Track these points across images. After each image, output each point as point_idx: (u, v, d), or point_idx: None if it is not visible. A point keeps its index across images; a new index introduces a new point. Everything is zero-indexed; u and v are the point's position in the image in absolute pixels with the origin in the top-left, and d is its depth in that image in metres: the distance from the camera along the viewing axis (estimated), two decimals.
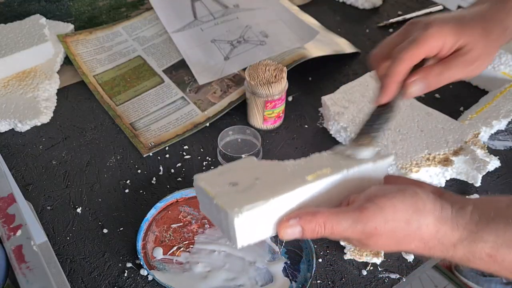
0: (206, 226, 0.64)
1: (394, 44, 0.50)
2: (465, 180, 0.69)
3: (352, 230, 0.42)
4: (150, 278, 0.58)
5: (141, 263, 0.58)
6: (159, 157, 0.74)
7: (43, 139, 0.77)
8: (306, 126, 0.79)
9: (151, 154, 0.74)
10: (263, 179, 0.44)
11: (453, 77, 0.50)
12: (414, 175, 0.67)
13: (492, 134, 0.75)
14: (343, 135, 0.74)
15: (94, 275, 0.59)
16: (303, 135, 0.77)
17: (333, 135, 0.76)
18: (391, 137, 0.71)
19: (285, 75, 0.74)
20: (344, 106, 0.76)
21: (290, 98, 0.83)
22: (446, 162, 0.67)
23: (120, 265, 0.60)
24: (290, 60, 0.84)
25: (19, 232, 0.41)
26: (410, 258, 0.60)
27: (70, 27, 0.96)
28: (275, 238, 0.62)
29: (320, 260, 0.61)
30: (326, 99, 0.77)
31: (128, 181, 0.70)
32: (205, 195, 0.43)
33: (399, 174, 0.68)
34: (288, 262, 0.60)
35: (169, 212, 0.65)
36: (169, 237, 0.62)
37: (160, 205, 0.65)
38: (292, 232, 0.42)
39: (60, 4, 1.04)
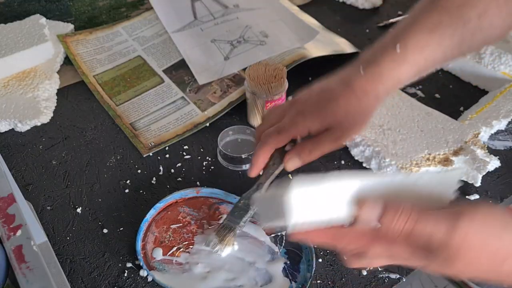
0: (205, 226, 0.64)
1: (272, 122, 0.58)
2: (465, 180, 0.69)
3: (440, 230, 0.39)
4: (150, 278, 0.58)
5: (141, 264, 0.58)
6: (159, 157, 0.74)
7: (43, 139, 0.77)
8: None
9: (151, 154, 0.74)
10: None
11: (325, 150, 0.56)
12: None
13: (492, 134, 0.75)
14: None
15: (94, 275, 0.59)
16: None
17: None
18: (391, 137, 0.71)
19: (285, 75, 0.74)
20: None
21: (290, 98, 0.83)
22: (446, 162, 0.67)
23: (120, 265, 0.60)
24: (290, 60, 0.84)
25: (19, 232, 0.41)
26: None
27: (70, 27, 0.96)
28: (275, 239, 0.62)
29: (320, 260, 0.61)
30: None
31: (128, 181, 0.70)
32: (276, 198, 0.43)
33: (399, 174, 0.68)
34: (288, 262, 0.60)
35: (169, 212, 0.65)
36: (169, 238, 0.62)
37: (159, 205, 0.65)
38: (370, 212, 0.41)
39: (60, 4, 1.04)
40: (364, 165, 0.72)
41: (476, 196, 0.68)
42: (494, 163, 0.68)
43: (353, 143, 0.72)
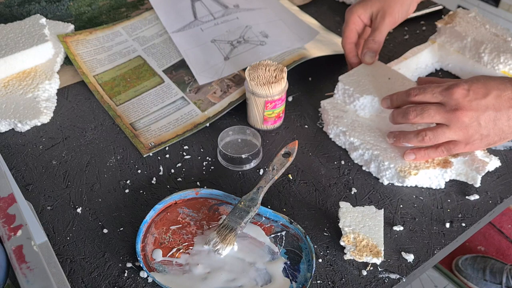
0: (205, 227, 0.64)
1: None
2: (465, 181, 0.69)
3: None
4: (150, 279, 0.58)
5: (141, 265, 0.58)
6: (159, 157, 0.74)
7: (43, 139, 0.77)
8: (306, 126, 0.79)
9: (151, 154, 0.74)
10: None
11: (383, 32, 0.78)
12: (413, 178, 0.67)
13: None
14: (342, 139, 0.74)
15: (94, 275, 0.59)
16: (303, 135, 0.77)
17: (332, 139, 0.76)
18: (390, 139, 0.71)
19: (285, 75, 0.74)
20: (343, 110, 0.76)
21: (290, 98, 0.83)
22: (445, 163, 0.67)
23: (120, 265, 0.60)
24: (290, 60, 0.84)
25: (19, 232, 0.41)
26: (410, 258, 0.61)
27: (70, 27, 0.96)
28: (275, 239, 0.62)
29: (320, 260, 0.61)
30: (325, 103, 0.77)
31: (128, 181, 0.70)
32: None
33: (398, 177, 0.68)
34: (288, 262, 0.60)
35: (168, 214, 0.65)
36: (168, 239, 0.62)
37: (158, 207, 0.65)
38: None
39: (60, 4, 1.04)
40: (363, 168, 0.72)
41: (476, 197, 0.68)
42: (494, 163, 0.68)
43: (353, 146, 0.72)
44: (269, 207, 0.66)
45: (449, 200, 0.68)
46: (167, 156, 0.74)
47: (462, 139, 0.63)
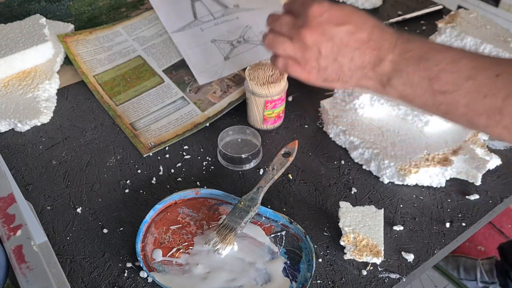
0: (205, 227, 0.64)
1: None
2: (465, 179, 0.69)
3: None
4: (150, 279, 0.58)
5: (141, 265, 0.58)
6: (159, 157, 0.74)
7: (43, 139, 0.77)
8: (306, 126, 0.79)
9: (151, 154, 0.74)
10: None
11: None
12: (413, 176, 0.67)
13: None
14: (342, 138, 0.74)
15: (94, 275, 0.59)
16: (303, 135, 0.77)
17: (332, 139, 0.76)
18: (390, 138, 0.71)
19: (285, 75, 0.74)
20: (343, 110, 0.76)
21: (290, 98, 0.83)
22: (445, 162, 0.67)
23: (120, 265, 0.60)
24: None
25: (19, 232, 0.41)
26: (410, 258, 0.61)
27: (70, 27, 0.96)
28: (275, 239, 0.62)
29: (320, 260, 0.61)
30: (325, 103, 0.77)
31: (128, 181, 0.70)
32: None
33: (398, 176, 0.68)
34: (288, 262, 0.60)
35: (168, 213, 0.65)
36: (168, 239, 0.62)
37: (158, 207, 0.65)
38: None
39: (60, 4, 1.04)
40: (363, 167, 0.72)
41: (476, 196, 0.68)
42: (494, 161, 0.68)
43: (353, 145, 0.72)
44: (269, 207, 0.66)
45: (449, 200, 0.68)
46: (167, 156, 0.74)
47: (300, 60, 0.56)
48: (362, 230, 0.61)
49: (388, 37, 0.53)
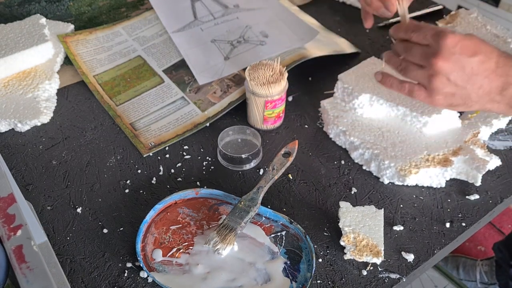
0: (205, 227, 0.64)
1: None
2: (465, 179, 0.69)
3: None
4: (150, 279, 0.58)
5: (141, 265, 0.58)
6: (159, 157, 0.74)
7: (43, 139, 0.77)
8: (306, 126, 0.79)
9: (151, 154, 0.74)
10: None
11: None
12: (413, 177, 0.67)
13: (492, 134, 0.75)
14: (342, 138, 0.74)
15: (94, 275, 0.59)
16: (303, 135, 0.77)
17: (332, 139, 0.76)
18: (390, 139, 0.71)
19: (285, 75, 0.74)
20: (343, 110, 0.76)
21: (290, 98, 0.83)
22: (445, 162, 0.67)
23: (120, 265, 0.60)
24: (290, 60, 0.84)
25: (19, 232, 0.41)
26: (410, 258, 0.61)
27: (70, 27, 0.96)
28: (275, 239, 0.62)
29: (320, 260, 0.61)
30: (325, 103, 0.77)
31: (128, 181, 0.70)
32: None
33: (398, 176, 0.68)
34: (288, 262, 0.60)
35: (168, 214, 0.65)
36: (168, 239, 0.62)
37: (158, 207, 0.65)
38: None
39: (60, 4, 1.04)
40: (363, 167, 0.72)
41: (476, 196, 0.68)
42: (494, 162, 0.68)
43: (353, 146, 0.72)
44: (269, 207, 0.66)
45: (449, 200, 0.68)
46: (167, 156, 0.74)
47: (427, 87, 0.60)
48: (362, 230, 0.61)
49: None
